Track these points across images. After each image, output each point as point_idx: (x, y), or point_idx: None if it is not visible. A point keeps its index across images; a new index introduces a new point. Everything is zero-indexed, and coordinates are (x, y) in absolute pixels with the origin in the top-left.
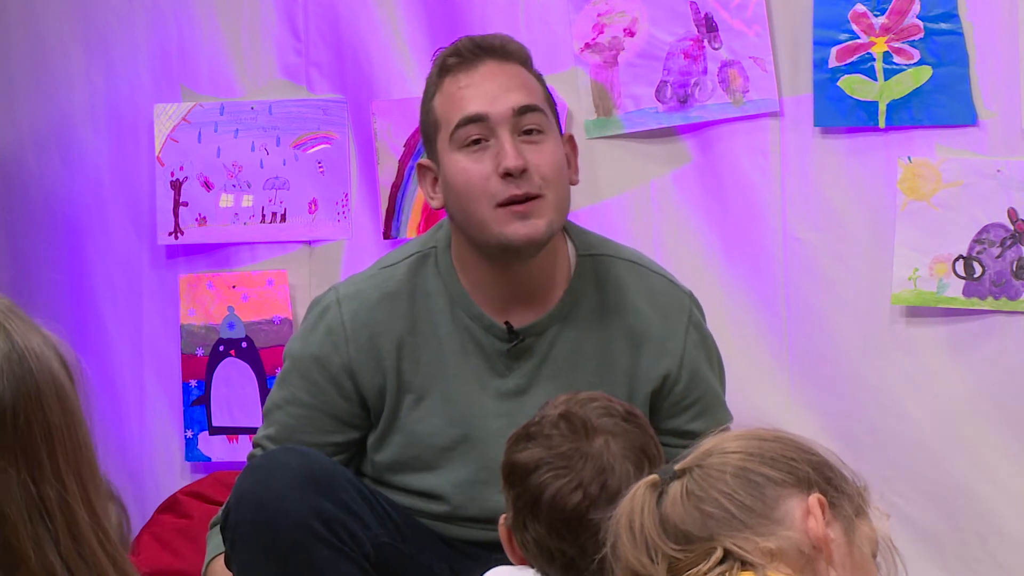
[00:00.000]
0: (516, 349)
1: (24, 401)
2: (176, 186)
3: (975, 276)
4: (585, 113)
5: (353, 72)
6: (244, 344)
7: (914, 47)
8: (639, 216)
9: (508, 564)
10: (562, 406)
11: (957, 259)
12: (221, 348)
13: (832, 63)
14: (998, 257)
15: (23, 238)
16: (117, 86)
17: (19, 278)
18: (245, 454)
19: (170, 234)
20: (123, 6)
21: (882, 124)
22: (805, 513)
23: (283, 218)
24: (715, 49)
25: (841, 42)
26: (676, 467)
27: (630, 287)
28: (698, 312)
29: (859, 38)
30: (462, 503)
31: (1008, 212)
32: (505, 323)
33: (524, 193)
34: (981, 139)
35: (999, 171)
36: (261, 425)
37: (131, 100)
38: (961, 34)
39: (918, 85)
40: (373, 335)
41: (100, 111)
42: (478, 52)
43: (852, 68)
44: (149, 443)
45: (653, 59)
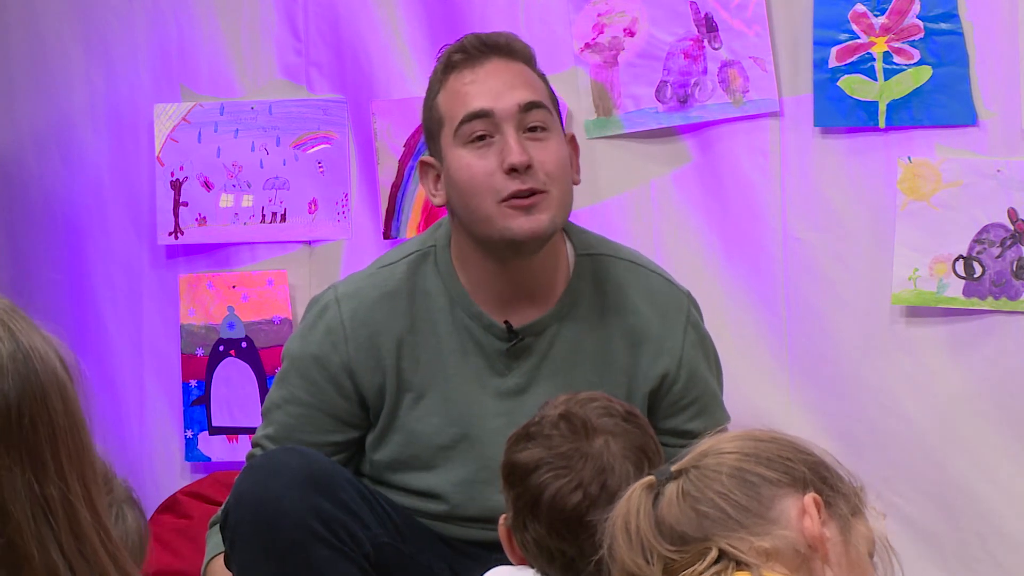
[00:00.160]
0: (515, 348)
1: (29, 401)
2: (176, 186)
3: (975, 276)
4: (585, 113)
5: (353, 72)
6: (244, 344)
7: (914, 47)
8: (639, 216)
9: (508, 564)
10: (562, 406)
11: (957, 259)
12: (221, 348)
13: (832, 63)
14: (998, 257)
15: (23, 238)
16: (117, 86)
17: (19, 278)
18: (245, 454)
19: (170, 234)
20: (123, 6)
21: (882, 124)
22: (801, 512)
23: (283, 218)
24: (715, 49)
25: (841, 42)
26: (672, 468)
27: (629, 287)
28: (696, 312)
29: (859, 38)
30: (461, 502)
31: (1008, 212)
32: (504, 322)
33: (529, 188)
34: (981, 139)
35: (999, 171)
36: (260, 425)
37: (131, 100)
38: (961, 34)
39: (918, 85)
40: (372, 334)
41: (100, 111)
42: (483, 49)
43: (852, 68)
44: (149, 443)
45: (653, 59)
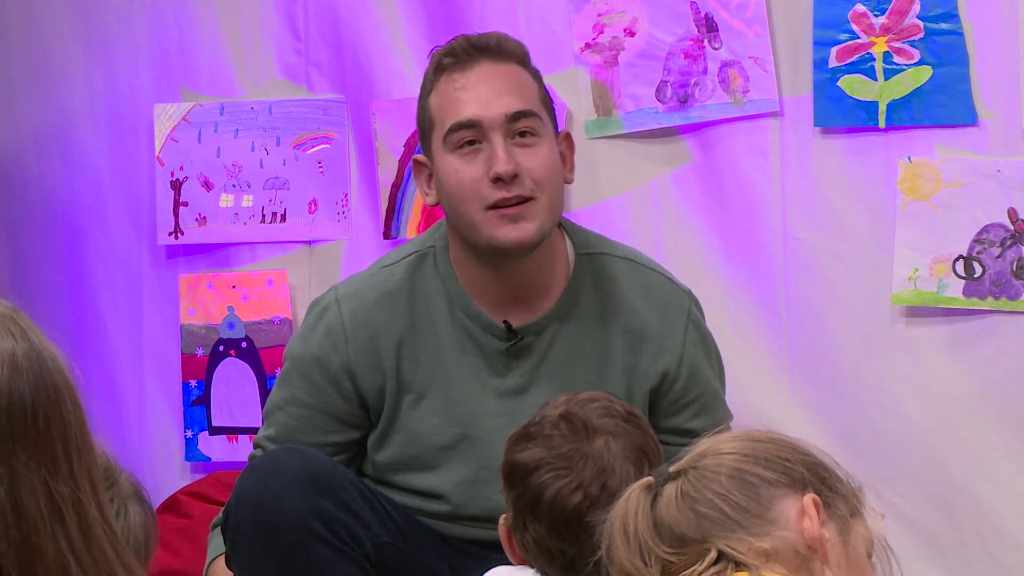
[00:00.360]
0: (515, 348)
1: (44, 400)
2: (176, 186)
3: (975, 276)
4: (585, 113)
5: (353, 72)
6: (244, 344)
7: (914, 47)
8: (639, 216)
9: (508, 564)
10: (562, 406)
11: (957, 259)
12: (221, 348)
13: (832, 63)
14: (998, 257)
15: (23, 238)
16: (117, 86)
17: (19, 278)
18: (245, 454)
19: (170, 234)
20: (123, 6)
21: (882, 124)
22: (800, 513)
23: (283, 218)
24: (715, 49)
25: (841, 42)
26: (671, 469)
27: (629, 285)
28: (697, 310)
29: (859, 38)
30: (462, 502)
31: (1008, 212)
32: (504, 322)
33: (515, 196)
34: (981, 139)
35: (999, 171)
36: (262, 426)
37: (131, 100)
38: (961, 34)
39: (918, 85)
40: (372, 335)
41: (100, 111)
42: (473, 52)
43: (852, 68)
44: (149, 443)
45: (653, 59)
